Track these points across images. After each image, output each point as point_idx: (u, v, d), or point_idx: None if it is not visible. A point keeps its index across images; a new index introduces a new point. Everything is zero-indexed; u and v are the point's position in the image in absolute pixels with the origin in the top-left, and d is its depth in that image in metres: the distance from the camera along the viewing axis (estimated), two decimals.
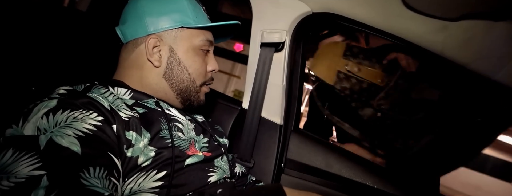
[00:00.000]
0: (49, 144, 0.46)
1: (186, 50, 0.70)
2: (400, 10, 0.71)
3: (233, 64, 9.07)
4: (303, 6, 0.89)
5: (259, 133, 1.01)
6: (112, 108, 0.58)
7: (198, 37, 0.71)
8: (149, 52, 0.67)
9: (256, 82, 0.96)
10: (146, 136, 0.60)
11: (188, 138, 0.70)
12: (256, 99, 0.96)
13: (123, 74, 0.71)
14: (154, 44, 0.67)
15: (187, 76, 0.71)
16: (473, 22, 0.65)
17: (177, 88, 0.71)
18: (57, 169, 0.44)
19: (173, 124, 0.69)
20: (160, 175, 0.59)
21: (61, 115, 0.50)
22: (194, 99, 0.74)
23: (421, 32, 0.74)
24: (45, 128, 0.48)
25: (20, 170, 0.42)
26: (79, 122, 0.50)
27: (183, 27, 0.69)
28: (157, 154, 0.60)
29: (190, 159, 0.66)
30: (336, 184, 0.97)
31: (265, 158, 1.00)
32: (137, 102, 0.66)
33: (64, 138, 0.47)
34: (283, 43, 0.93)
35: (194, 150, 0.69)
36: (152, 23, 0.67)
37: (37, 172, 0.42)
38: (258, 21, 0.96)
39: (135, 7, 0.69)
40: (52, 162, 0.44)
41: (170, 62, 0.69)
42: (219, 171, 0.73)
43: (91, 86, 0.65)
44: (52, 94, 0.56)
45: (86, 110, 0.53)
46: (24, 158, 0.43)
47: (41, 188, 0.41)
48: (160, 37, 0.68)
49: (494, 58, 0.68)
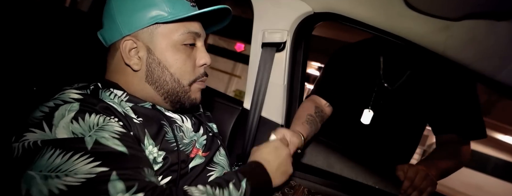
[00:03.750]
0: (96, 144, 0.48)
1: (165, 48, 0.63)
2: (402, 10, 0.71)
3: (234, 64, 9.07)
4: (305, 6, 0.89)
5: (260, 133, 1.01)
6: (125, 113, 0.59)
7: (178, 32, 0.63)
8: (126, 56, 0.62)
9: (258, 82, 0.96)
10: (151, 142, 0.60)
11: (190, 139, 0.70)
12: (257, 98, 0.96)
13: (115, 79, 0.67)
14: (130, 47, 0.62)
15: (170, 77, 0.64)
16: (476, 22, 0.64)
17: (163, 92, 0.65)
18: (120, 166, 0.47)
19: (175, 126, 0.68)
20: (165, 180, 0.60)
21: (90, 119, 0.52)
22: (184, 99, 0.68)
23: (423, 32, 0.73)
24: (81, 132, 0.50)
25: (78, 168, 0.45)
26: (109, 125, 0.53)
27: (158, 23, 0.62)
28: (163, 159, 0.60)
29: (193, 162, 0.67)
30: (337, 184, 0.97)
31: None
32: (135, 105, 0.64)
33: (108, 140, 0.50)
34: (285, 43, 0.93)
35: (195, 150, 0.69)
36: (124, 24, 0.61)
37: (100, 169, 0.45)
38: (260, 21, 0.96)
39: (108, 8, 0.63)
40: (109, 159, 0.47)
41: (149, 64, 0.63)
42: (219, 168, 0.73)
43: (97, 90, 0.62)
44: (63, 97, 0.55)
45: (107, 115, 0.54)
46: (76, 158, 0.46)
47: (115, 181, 0.45)
48: (136, 38, 0.62)
49: (496, 58, 0.68)
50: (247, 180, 0.59)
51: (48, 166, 0.45)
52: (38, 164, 0.46)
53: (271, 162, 0.67)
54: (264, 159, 0.67)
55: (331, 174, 0.99)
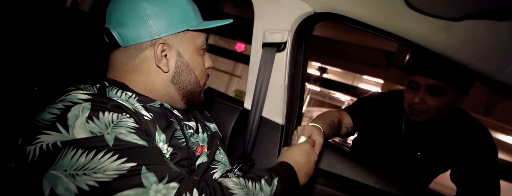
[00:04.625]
0: (117, 141, 0.50)
1: (192, 53, 0.70)
2: (403, 10, 0.71)
3: (235, 64, 9.07)
4: (305, 6, 0.89)
5: (261, 133, 1.01)
6: (136, 110, 0.60)
7: (200, 38, 0.71)
8: (158, 58, 0.65)
9: (258, 82, 0.96)
10: (161, 138, 0.61)
11: (195, 137, 0.72)
12: (258, 99, 0.96)
13: (123, 78, 0.67)
14: (162, 49, 0.65)
15: (194, 78, 0.71)
16: (476, 22, 0.64)
17: (184, 91, 0.71)
18: (146, 160, 0.49)
19: (183, 124, 0.70)
20: None
21: (104, 117, 0.53)
22: (197, 98, 0.75)
23: (423, 32, 0.73)
24: (99, 130, 0.51)
25: (106, 165, 0.47)
26: (124, 122, 0.54)
27: (188, 30, 0.68)
28: (171, 155, 0.62)
29: (199, 159, 0.69)
30: (338, 185, 0.97)
31: (267, 158, 1.00)
32: (144, 104, 0.65)
33: (127, 135, 0.52)
34: (285, 43, 0.93)
35: (200, 148, 0.71)
36: (157, 27, 0.64)
37: (128, 165, 0.47)
38: (260, 21, 0.96)
39: (135, 8, 0.63)
40: (134, 154, 0.49)
41: (179, 67, 0.68)
42: (221, 165, 0.75)
43: (103, 88, 0.63)
44: (70, 98, 0.56)
45: (119, 113, 0.55)
46: (101, 156, 0.47)
47: (147, 174, 0.47)
48: (167, 42, 0.66)
49: (497, 58, 0.68)
50: (279, 179, 0.63)
51: (73, 165, 0.46)
52: (61, 164, 0.47)
53: (301, 166, 0.72)
54: (295, 161, 0.72)
55: (331, 174, 0.99)
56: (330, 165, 1.00)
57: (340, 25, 0.90)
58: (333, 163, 1.00)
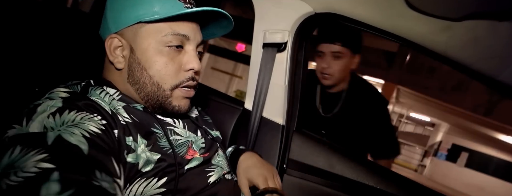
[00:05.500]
0: (57, 140, 0.45)
1: (146, 49, 0.60)
2: (403, 10, 0.71)
3: (235, 65, 9.08)
4: (306, 7, 0.89)
5: (261, 133, 1.01)
6: (113, 112, 0.57)
7: (162, 32, 0.60)
8: (110, 53, 0.61)
9: (259, 83, 0.96)
10: (142, 142, 0.58)
11: (186, 140, 0.68)
12: (259, 99, 0.96)
13: (108, 77, 0.66)
14: (115, 45, 0.61)
15: (149, 79, 0.61)
16: (477, 22, 0.64)
17: (143, 95, 0.62)
18: (68, 165, 0.42)
19: (167, 129, 0.65)
20: (161, 182, 0.59)
21: (68, 115, 0.50)
22: (166, 105, 0.64)
23: (424, 32, 0.73)
24: (52, 126, 0.47)
25: (27, 164, 0.41)
26: (86, 123, 0.50)
27: (142, 22, 0.59)
28: (158, 161, 0.59)
29: (190, 164, 0.65)
30: (339, 185, 0.97)
31: (267, 158, 0.99)
32: (127, 105, 0.62)
33: (73, 136, 0.46)
34: (286, 43, 0.93)
35: (192, 152, 0.68)
36: (113, 21, 0.60)
37: (45, 165, 0.41)
38: (260, 21, 0.96)
39: (105, 7, 0.63)
40: (62, 157, 0.43)
41: (130, 64, 0.61)
42: (217, 169, 0.72)
43: (87, 87, 0.62)
44: (51, 95, 0.55)
45: (90, 112, 0.52)
46: (32, 154, 0.42)
47: (53, 182, 0.39)
48: (121, 36, 0.61)
49: (498, 59, 0.68)
50: None
51: (7, 163, 0.42)
52: (2, 161, 0.43)
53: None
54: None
55: (332, 174, 0.98)
56: (331, 165, 0.99)
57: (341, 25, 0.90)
58: (333, 163, 0.99)
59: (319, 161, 1.00)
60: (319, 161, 1.00)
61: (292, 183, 1.01)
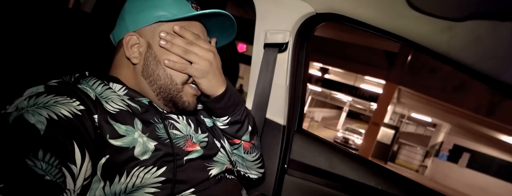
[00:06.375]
0: (16, 119, 0.48)
1: None
2: (405, 10, 0.71)
3: None
4: (307, 7, 0.89)
5: (262, 134, 1.01)
6: (97, 99, 0.60)
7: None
8: (127, 49, 0.66)
9: (260, 83, 0.96)
10: (138, 128, 0.61)
11: (185, 135, 0.70)
12: (260, 99, 0.96)
13: (115, 74, 0.70)
14: (133, 42, 0.66)
15: (163, 71, 0.66)
16: (479, 22, 0.64)
17: (156, 87, 0.67)
18: (8, 143, 0.44)
19: (168, 122, 0.68)
20: (160, 171, 0.60)
21: (44, 98, 0.52)
22: (177, 99, 0.68)
23: (426, 32, 0.73)
24: (22, 107, 0.50)
25: None
26: (59, 106, 0.52)
27: (161, 22, 0.66)
28: (155, 150, 0.61)
29: (190, 155, 0.67)
30: (340, 185, 0.97)
31: (268, 159, 1.00)
32: (132, 98, 0.66)
33: (35, 116, 0.48)
34: (287, 43, 0.93)
35: (191, 144, 0.69)
36: (131, 21, 0.66)
37: None
38: (262, 21, 0.96)
39: (121, 10, 0.69)
40: (8, 135, 0.45)
41: (147, 58, 0.66)
42: (218, 165, 0.73)
43: (80, 78, 0.66)
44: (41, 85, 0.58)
45: (69, 97, 0.55)
46: None
47: None
48: (139, 34, 0.66)
49: (500, 59, 0.67)
50: None
51: None
52: None
53: None
54: None
55: (333, 175, 0.98)
56: (332, 165, 0.99)
57: (342, 25, 0.90)
58: (334, 163, 0.99)
59: (320, 162, 1.00)
60: (320, 162, 1.00)
61: (293, 184, 1.01)
